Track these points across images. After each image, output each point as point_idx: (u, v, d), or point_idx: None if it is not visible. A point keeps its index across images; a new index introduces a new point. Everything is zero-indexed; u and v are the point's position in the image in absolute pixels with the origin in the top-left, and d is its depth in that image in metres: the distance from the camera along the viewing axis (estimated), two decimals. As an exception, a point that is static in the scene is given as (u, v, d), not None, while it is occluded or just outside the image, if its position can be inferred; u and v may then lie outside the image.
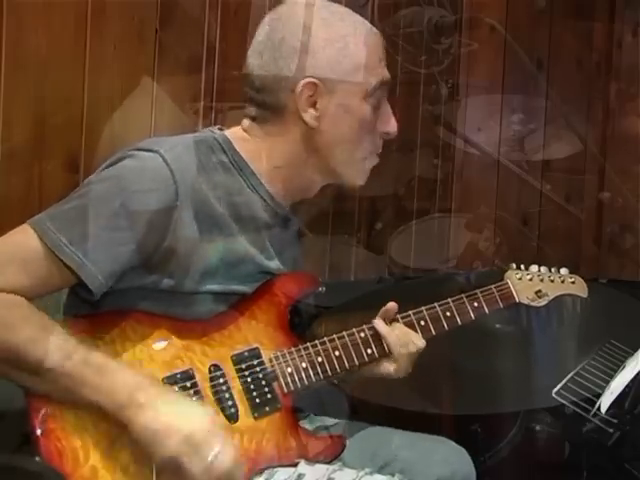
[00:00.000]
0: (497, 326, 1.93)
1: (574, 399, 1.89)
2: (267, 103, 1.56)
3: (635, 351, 1.88)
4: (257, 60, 1.56)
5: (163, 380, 1.46)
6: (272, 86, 1.55)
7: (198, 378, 1.48)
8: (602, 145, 3.19)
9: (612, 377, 1.85)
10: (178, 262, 1.47)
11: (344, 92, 1.55)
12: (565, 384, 1.92)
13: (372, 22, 1.69)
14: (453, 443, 1.73)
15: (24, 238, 1.40)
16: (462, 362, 2.20)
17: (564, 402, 1.90)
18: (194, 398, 1.46)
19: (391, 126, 1.61)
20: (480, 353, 2.10)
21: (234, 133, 1.60)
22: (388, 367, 1.64)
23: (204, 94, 2.19)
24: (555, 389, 1.91)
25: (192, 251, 1.47)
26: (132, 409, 1.35)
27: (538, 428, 2.31)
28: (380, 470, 1.60)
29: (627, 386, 1.81)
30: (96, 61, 1.97)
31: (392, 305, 1.66)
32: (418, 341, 1.65)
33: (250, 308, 1.57)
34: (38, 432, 1.37)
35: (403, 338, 1.63)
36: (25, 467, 1.44)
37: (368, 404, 1.72)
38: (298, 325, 1.64)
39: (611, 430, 1.91)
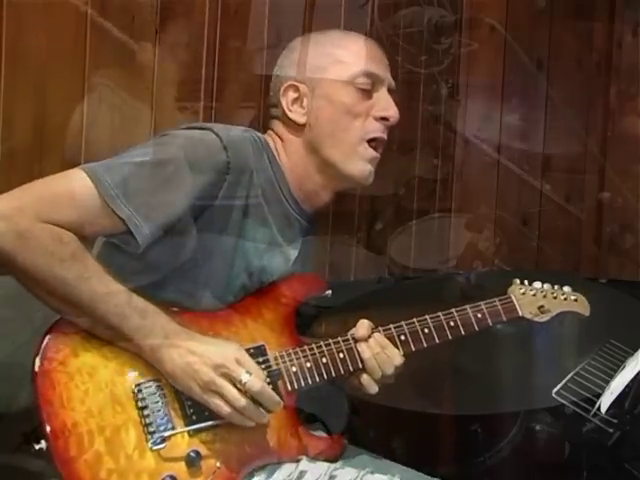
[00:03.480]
0: (497, 326, 1.93)
1: (574, 399, 1.89)
2: (272, 113, 1.71)
3: (635, 351, 1.88)
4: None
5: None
6: (272, 99, 1.72)
7: None
8: (602, 145, 3.19)
9: (612, 377, 1.85)
10: (217, 235, 1.55)
11: (324, 84, 1.67)
12: (565, 384, 1.92)
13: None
14: None
15: (78, 182, 1.46)
16: (462, 362, 2.20)
17: (564, 402, 1.90)
18: None
19: (390, 111, 1.68)
20: (480, 353, 2.10)
21: (265, 134, 1.71)
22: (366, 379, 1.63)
23: (204, 94, 2.19)
24: (555, 389, 1.91)
25: (232, 227, 1.56)
26: (165, 348, 1.46)
27: (538, 428, 2.30)
28: None
29: (627, 386, 1.81)
30: (96, 61, 1.97)
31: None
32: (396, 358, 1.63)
33: (258, 306, 1.61)
34: (44, 414, 1.39)
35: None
36: (25, 467, 1.45)
37: (368, 404, 1.72)
38: (299, 325, 1.64)
39: (611, 430, 1.91)
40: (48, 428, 1.39)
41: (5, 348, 1.60)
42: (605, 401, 1.80)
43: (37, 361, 1.42)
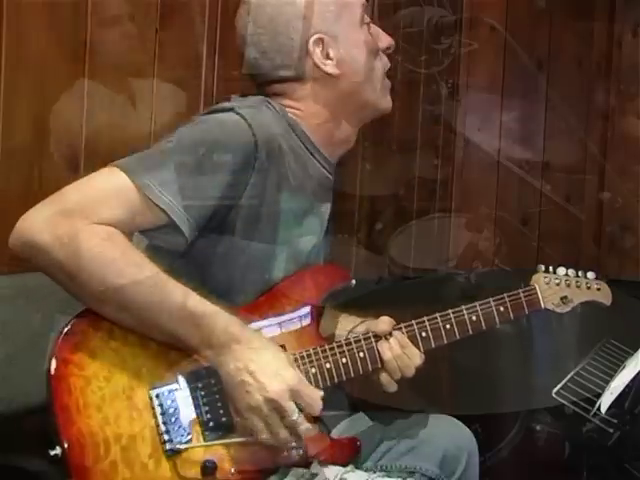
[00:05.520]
0: (497, 325, 1.93)
1: (574, 399, 1.89)
2: (287, 77, 1.63)
3: (635, 351, 1.88)
4: (257, 46, 1.63)
5: (183, 374, 1.44)
6: (286, 60, 1.62)
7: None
8: (602, 145, 3.19)
9: (612, 377, 1.85)
10: (256, 214, 1.51)
11: (344, 31, 1.63)
12: (565, 384, 1.92)
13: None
14: (454, 419, 1.77)
15: (113, 178, 1.42)
16: (462, 362, 2.20)
17: (564, 402, 1.90)
18: (217, 396, 1.44)
19: (389, 40, 1.71)
20: (480, 353, 2.10)
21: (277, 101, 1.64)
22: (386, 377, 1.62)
23: (204, 94, 2.19)
24: (555, 389, 1.91)
25: (270, 203, 1.52)
26: (224, 356, 1.39)
27: (538, 428, 2.31)
28: (386, 454, 1.63)
29: (627, 386, 1.81)
30: (96, 61, 1.97)
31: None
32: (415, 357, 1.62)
33: (279, 302, 1.57)
34: (60, 420, 1.35)
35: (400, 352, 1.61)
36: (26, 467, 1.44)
37: (368, 404, 1.71)
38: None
39: (611, 430, 1.91)
40: (63, 435, 1.35)
41: (5, 349, 1.60)
42: (605, 401, 1.80)
43: (53, 363, 1.37)
